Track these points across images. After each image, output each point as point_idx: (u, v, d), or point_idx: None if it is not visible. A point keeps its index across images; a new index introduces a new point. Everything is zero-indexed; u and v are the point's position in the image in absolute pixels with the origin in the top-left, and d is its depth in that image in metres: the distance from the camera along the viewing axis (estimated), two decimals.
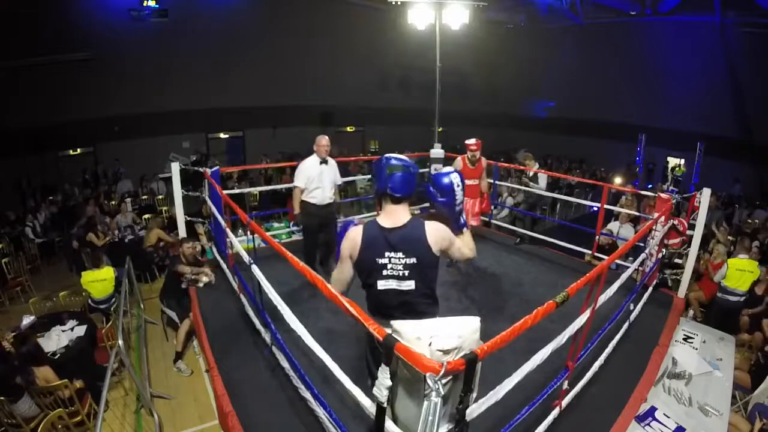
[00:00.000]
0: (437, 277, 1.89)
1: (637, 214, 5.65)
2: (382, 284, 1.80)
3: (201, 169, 4.94)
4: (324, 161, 4.15)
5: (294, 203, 4.17)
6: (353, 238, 1.84)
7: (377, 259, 1.79)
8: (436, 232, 1.82)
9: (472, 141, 4.75)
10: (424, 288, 1.82)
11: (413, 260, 1.77)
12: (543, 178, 5.80)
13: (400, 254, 1.77)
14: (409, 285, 1.79)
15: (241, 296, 3.86)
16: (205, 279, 4.43)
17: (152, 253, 6.45)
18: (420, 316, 1.75)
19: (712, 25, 10.62)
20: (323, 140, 4.14)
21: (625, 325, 3.48)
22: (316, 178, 4.08)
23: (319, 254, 4.40)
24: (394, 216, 1.83)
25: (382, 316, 1.80)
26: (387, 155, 1.91)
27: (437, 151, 6.45)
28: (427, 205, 6.75)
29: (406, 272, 1.78)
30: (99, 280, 4.86)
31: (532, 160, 5.98)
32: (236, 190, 6.75)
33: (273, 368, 3.03)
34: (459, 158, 4.87)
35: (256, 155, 12.36)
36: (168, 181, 6.91)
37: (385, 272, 1.79)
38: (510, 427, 2.16)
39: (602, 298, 2.48)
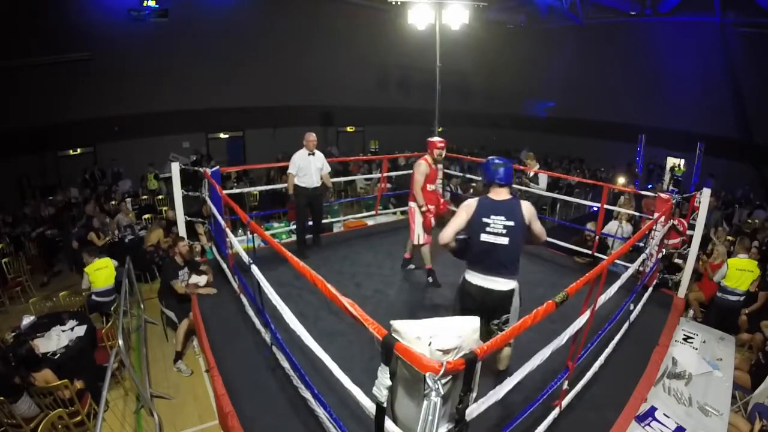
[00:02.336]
0: (523, 243, 2.50)
1: (636, 213, 5.65)
2: (484, 237, 2.43)
3: (201, 169, 4.95)
4: (312, 153, 4.97)
5: (288, 185, 5.02)
6: (471, 204, 2.52)
7: (483, 219, 2.44)
8: (528, 207, 2.49)
9: (440, 138, 4.43)
10: (513, 246, 2.42)
11: (511, 223, 2.40)
12: (543, 179, 5.81)
13: (501, 217, 2.41)
14: (504, 241, 2.40)
15: (241, 296, 3.87)
16: (203, 291, 4.41)
17: (152, 253, 6.45)
18: (505, 266, 2.44)
19: (712, 25, 10.62)
20: (311, 136, 5.01)
21: (625, 325, 3.48)
22: (305, 167, 4.93)
23: (312, 233, 5.39)
24: (500, 194, 2.50)
25: (477, 262, 2.50)
26: (491, 158, 2.61)
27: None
28: None
29: (504, 231, 2.40)
30: (102, 268, 4.94)
31: (533, 160, 5.99)
32: (236, 190, 6.74)
33: (273, 368, 3.04)
34: (423, 162, 4.26)
35: (257, 155, 12.37)
36: (168, 181, 6.91)
37: (488, 229, 2.43)
38: (510, 427, 2.16)
39: (602, 299, 2.49)
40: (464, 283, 2.57)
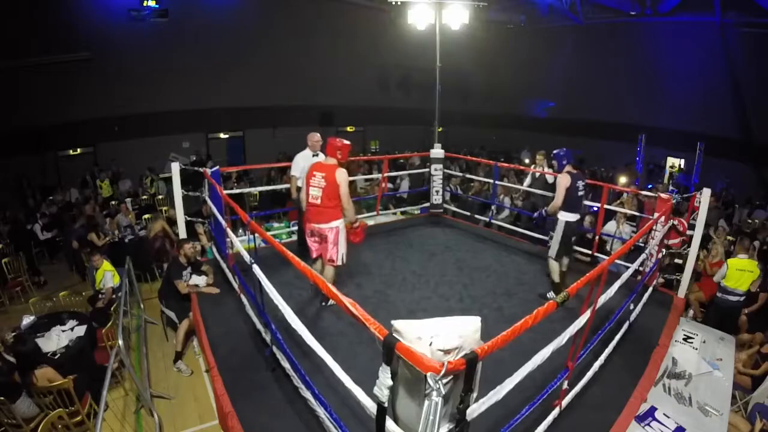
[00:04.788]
0: None
1: (637, 213, 5.65)
2: (580, 193, 3.96)
3: (201, 169, 4.94)
4: (315, 154, 4.70)
5: (291, 187, 4.85)
6: (566, 178, 3.89)
7: (576, 184, 3.92)
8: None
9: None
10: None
11: (585, 183, 4.04)
12: (551, 180, 5.87)
13: (582, 182, 3.98)
14: (584, 193, 4.04)
15: (242, 296, 3.86)
16: (206, 290, 4.39)
17: (160, 241, 6.33)
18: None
19: (712, 25, 10.62)
20: (315, 136, 4.80)
21: (625, 325, 3.48)
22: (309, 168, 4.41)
23: None
24: (573, 169, 3.99)
25: (574, 208, 4.00)
26: (562, 150, 4.05)
27: (437, 151, 6.44)
28: (427, 204, 6.78)
29: (584, 188, 4.02)
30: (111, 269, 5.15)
31: (543, 156, 6.04)
32: (236, 190, 6.74)
33: (273, 368, 3.03)
34: (343, 169, 3.59)
35: (257, 155, 12.37)
36: (168, 181, 6.91)
37: (579, 189, 3.95)
38: (510, 427, 2.16)
39: (602, 299, 2.49)
40: (568, 223, 4.01)
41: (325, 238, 3.65)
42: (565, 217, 3.99)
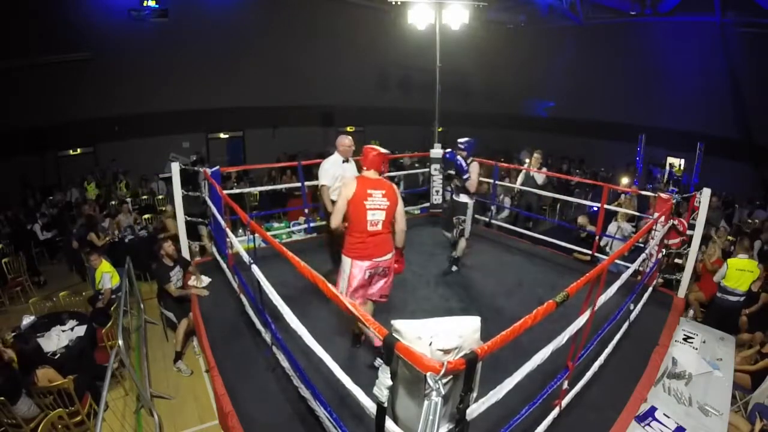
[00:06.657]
0: None
1: (637, 213, 5.65)
2: (481, 178, 4.70)
3: (201, 169, 4.93)
4: (346, 160, 4.17)
5: (325, 201, 4.05)
6: (478, 165, 4.41)
7: (480, 170, 4.51)
8: None
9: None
10: None
11: None
12: (541, 179, 5.92)
13: None
14: None
15: (241, 296, 3.86)
16: (195, 291, 4.34)
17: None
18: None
19: (712, 25, 10.61)
20: (346, 140, 4.14)
21: (625, 325, 3.48)
22: (340, 177, 4.06)
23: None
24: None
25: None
26: (470, 139, 4.38)
27: (437, 151, 6.44)
28: (427, 205, 6.78)
29: None
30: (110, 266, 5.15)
31: (539, 155, 6.13)
32: (236, 190, 6.73)
33: (273, 368, 3.03)
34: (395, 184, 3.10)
35: (257, 155, 12.37)
36: (168, 181, 6.91)
37: (482, 175, 4.76)
38: (510, 427, 2.16)
39: (602, 299, 2.49)
40: (474, 205, 4.45)
41: (386, 271, 3.00)
42: (472, 200, 4.44)
